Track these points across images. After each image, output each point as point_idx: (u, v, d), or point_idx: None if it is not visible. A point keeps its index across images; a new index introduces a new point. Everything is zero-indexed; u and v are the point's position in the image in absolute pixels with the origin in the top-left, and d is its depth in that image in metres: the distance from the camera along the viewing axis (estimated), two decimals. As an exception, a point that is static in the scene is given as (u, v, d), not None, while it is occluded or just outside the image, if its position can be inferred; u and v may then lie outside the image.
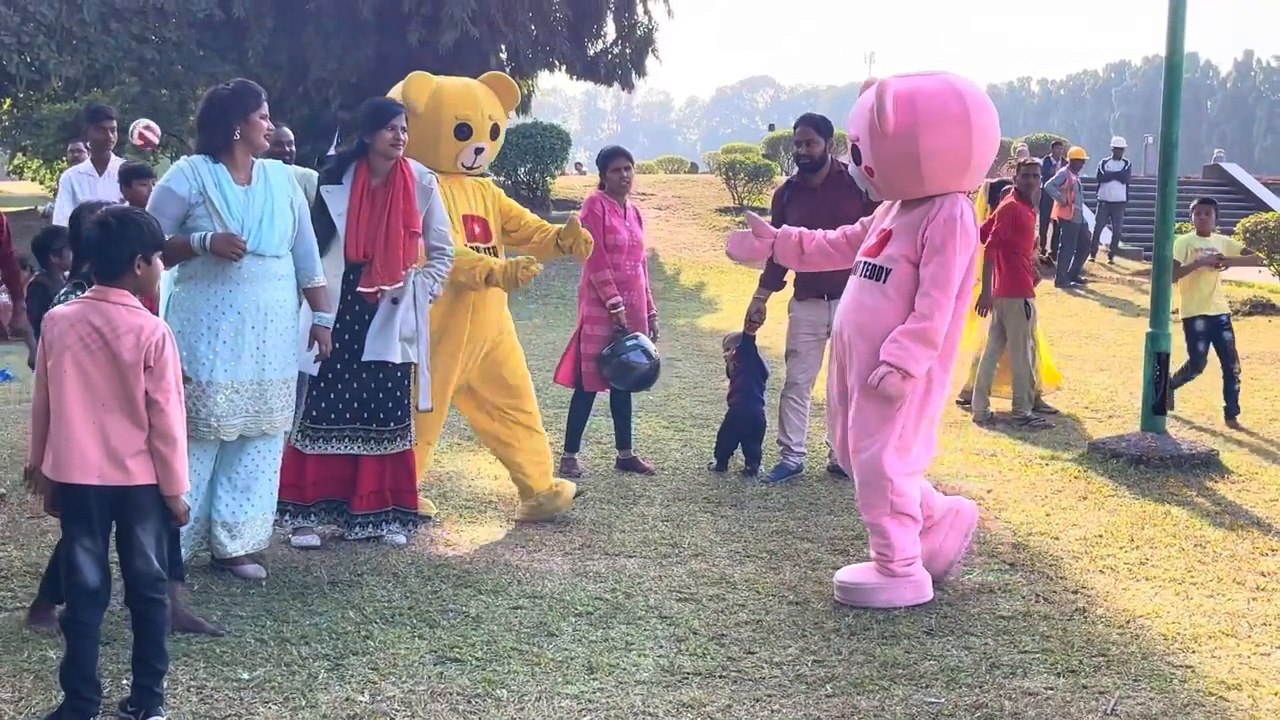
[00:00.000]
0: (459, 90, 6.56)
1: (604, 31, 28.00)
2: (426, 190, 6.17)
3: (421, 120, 6.34)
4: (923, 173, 5.28)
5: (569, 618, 5.18)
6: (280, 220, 5.43)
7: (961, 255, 5.27)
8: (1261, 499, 7.25)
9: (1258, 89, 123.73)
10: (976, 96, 5.35)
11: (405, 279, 6.06)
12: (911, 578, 5.41)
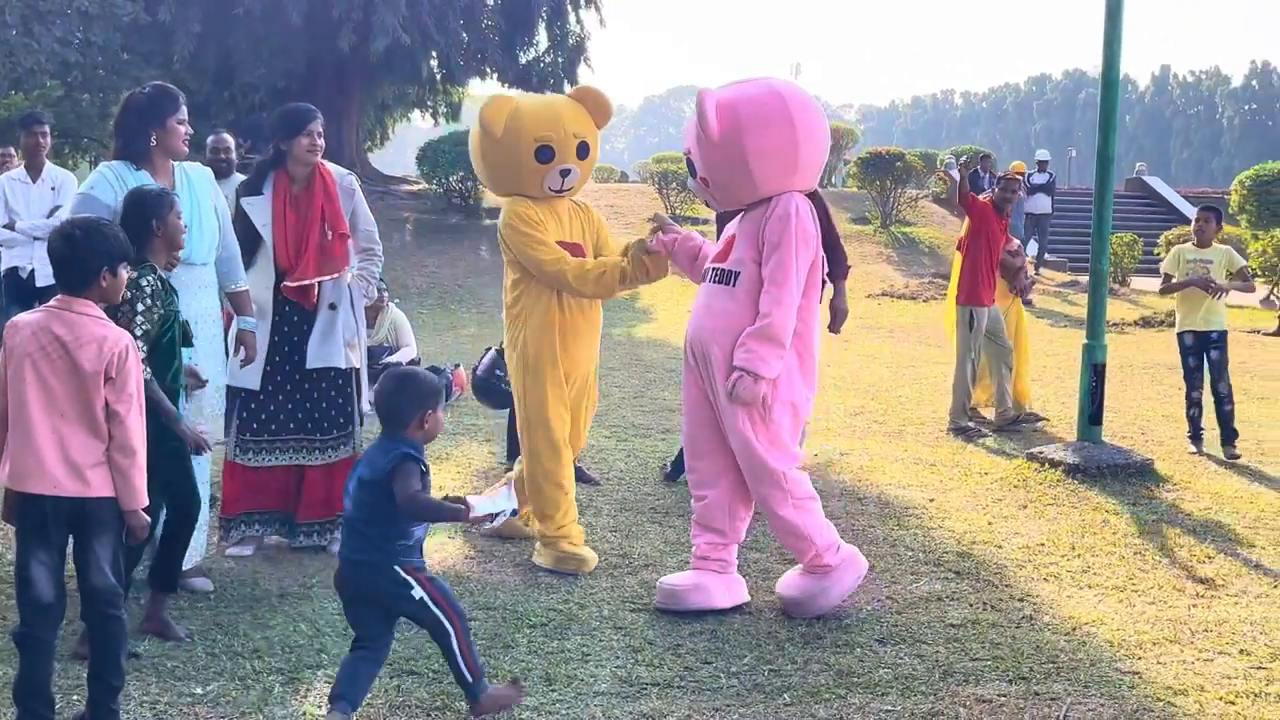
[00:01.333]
0: (539, 109, 6.11)
1: (536, 40, 28.14)
2: (349, 191, 6.17)
3: (501, 145, 5.98)
4: (753, 175, 5.34)
5: (523, 629, 5.17)
6: (206, 227, 5.39)
7: (800, 250, 5.27)
8: (1197, 507, 7.40)
9: (1174, 104, 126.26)
10: (798, 97, 5.42)
11: (340, 281, 6.05)
12: (844, 561, 5.41)
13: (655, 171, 27.83)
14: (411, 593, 4.13)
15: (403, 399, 4.17)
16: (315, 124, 5.95)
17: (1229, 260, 9.21)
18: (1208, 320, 9.11)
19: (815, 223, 5.39)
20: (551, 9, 27.49)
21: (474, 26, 26.47)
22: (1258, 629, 5.34)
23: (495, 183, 6.26)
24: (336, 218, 6.04)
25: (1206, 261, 9.12)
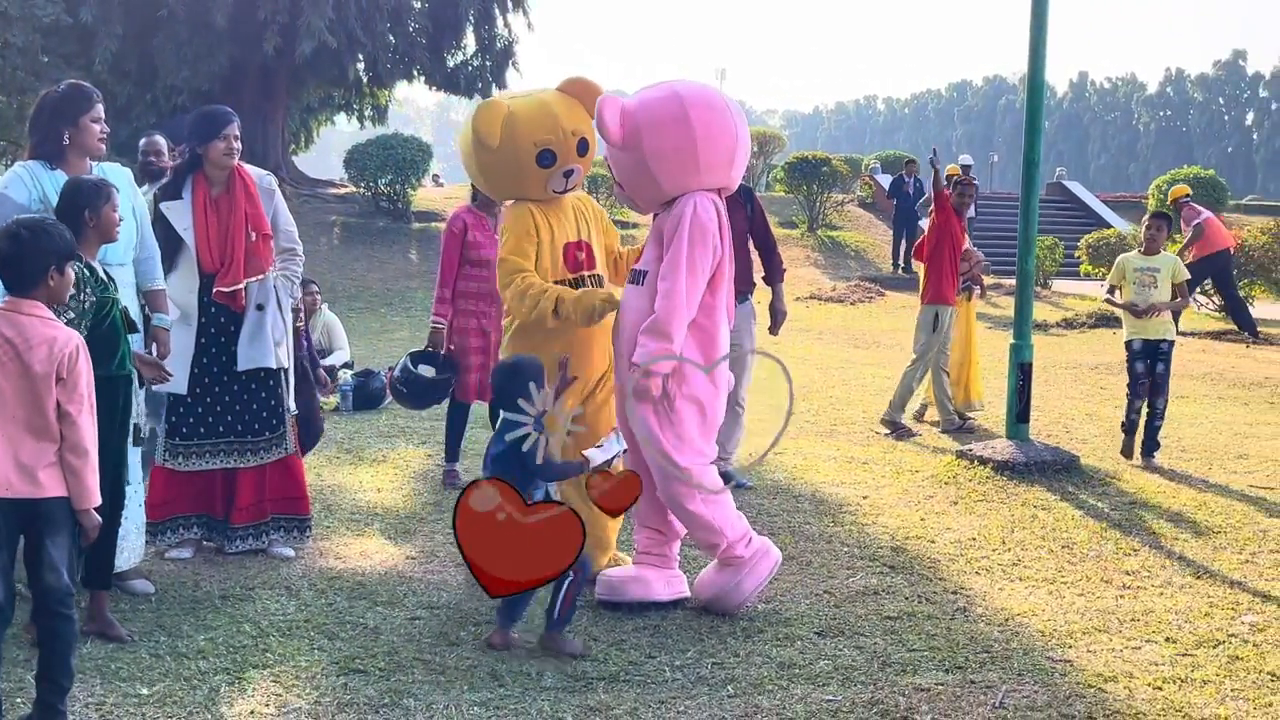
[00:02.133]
0: (534, 112, 5.75)
1: (464, 43, 28.05)
2: (269, 192, 6.18)
3: (499, 154, 5.70)
4: (655, 176, 5.39)
5: (468, 627, 5.21)
6: (124, 228, 5.36)
7: (695, 245, 5.29)
8: (1121, 502, 7.60)
9: (1092, 109, 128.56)
10: (697, 97, 5.42)
11: (266, 282, 6.06)
12: (757, 552, 5.47)
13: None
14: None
15: (517, 381, 4.96)
16: (232, 127, 5.94)
17: (1176, 270, 8.94)
18: (1159, 330, 8.87)
19: (718, 220, 5.40)
20: (479, 12, 27.42)
21: (401, 29, 26.35)
22: (1182, 618, 5.50)
23: (496, 191, 6.17)
24: (259, 219, 6.05)
25: (1154, 270, 8.85)
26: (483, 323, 7.65)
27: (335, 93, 30.52)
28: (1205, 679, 4.79)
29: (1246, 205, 39.62)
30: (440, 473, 7.92)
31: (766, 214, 8.21)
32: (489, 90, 28.50)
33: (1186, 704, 4.55)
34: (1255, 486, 8.16)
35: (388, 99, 31.44)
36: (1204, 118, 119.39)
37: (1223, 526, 7.08)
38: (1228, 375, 13.09)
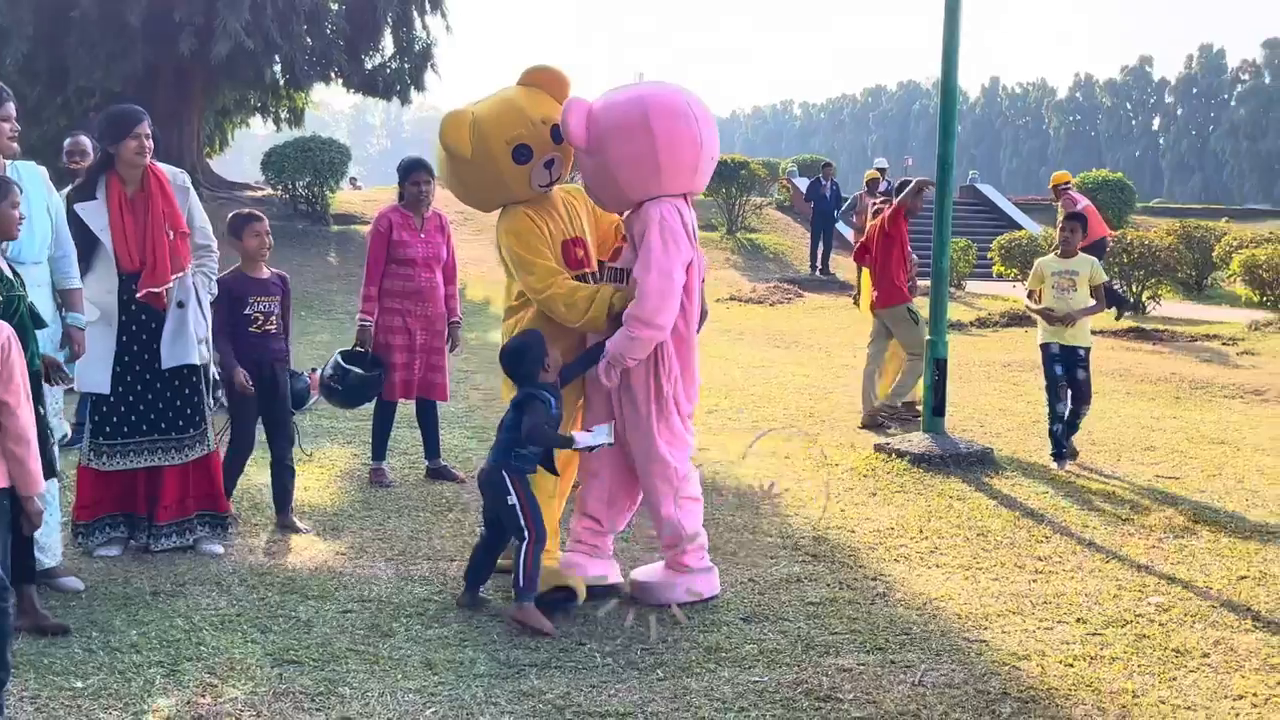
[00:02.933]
0: (498, 110, 5.59)
1: (382, 45, 27.89)
2: (184, 190, 6.21)
3: (474, 162, 5.55)
4: (618, 181, 5.46)
5: (400, 618, 5.28)
6: (38, 226, 5.39)
7: (669, 245, 5.38)
8: (1033, 492, 7.84)
9: (1004, 114, 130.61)
10: (661, 105, 5.43)
11: (185, 279, 6.09)
12: (702, 571, 5.63)
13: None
14: (507, 498, 5.28)
15: (525, 360, 5.37)
16: (143, 125, 5.94)
17: (1094, 272, 8.79)
18: (1075, 335, 8.70)
19: (683, 223, 5.50)
20: (397, 15, 27.28)
21: (318, 31, 26.14)
22: (1092, 600, 5.72)
23: (484, 202, 5.80)
24: (176, 218, 6.07)
25: (1072, 273, 8.70)
26: (408, 321, 7.71)
27: (251, 95, 30.22)
28: (1114, 656, 5.00)
29: (1153, 208, 40.62)
30: (367, 471, 7.96)
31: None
32: (408, 93, 28.44)
33: (1096, 680, 4.75)
34: (1160, 477, 8.45)
35: (305, 101, 31.19)
36: (1112, 122, 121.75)
37: (1130, 514, 7.33)
38: (1135, 372, 13.46)
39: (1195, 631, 5.31)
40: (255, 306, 6.61)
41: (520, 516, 5.25)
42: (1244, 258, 20.85)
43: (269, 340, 6.66)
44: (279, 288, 6.80)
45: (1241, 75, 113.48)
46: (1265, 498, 7.83)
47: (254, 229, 6.65)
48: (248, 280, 6.65)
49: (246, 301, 6.58)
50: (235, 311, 6.56)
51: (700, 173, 5.61)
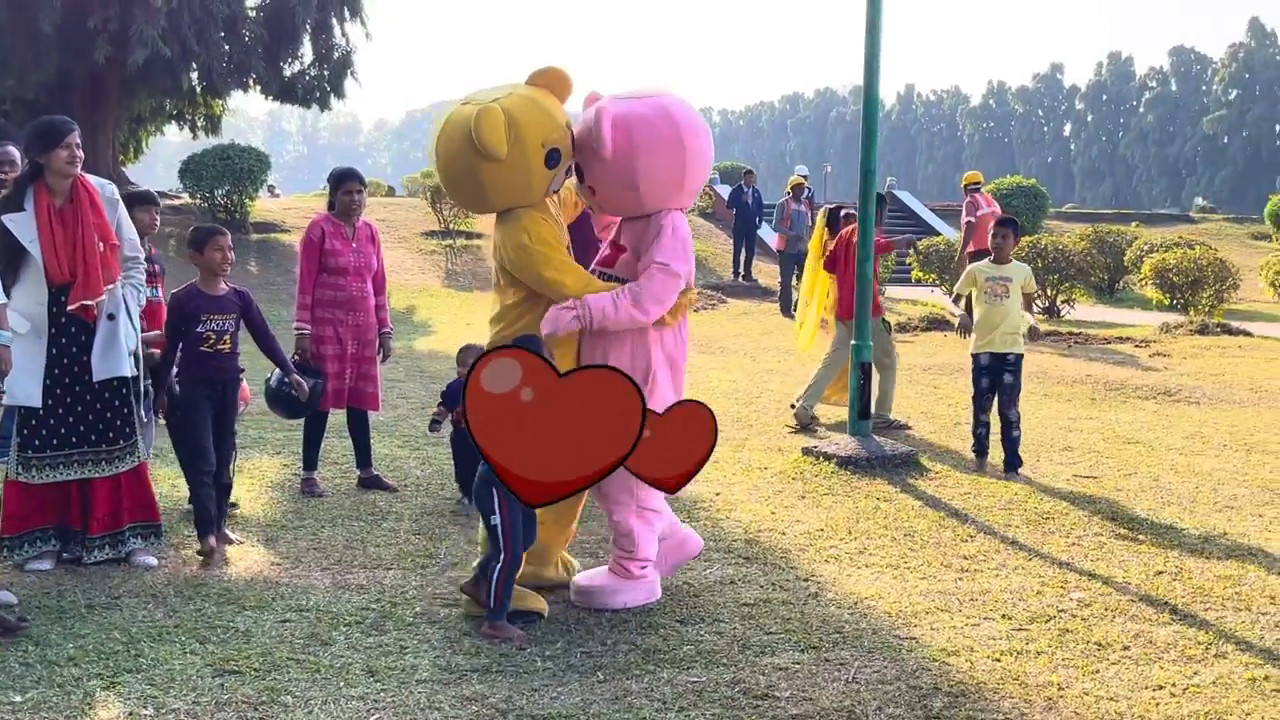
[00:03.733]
0: (533, 112, 5.40)
1: (301, 52, 27.71)
2: (113, 202, 6.20)
3: (507, 164, 5.34)
4: (640, 194, 5.56)
5: (340, 627, 5.31)
6: None
7: (679, 253, 5.52)
8: (957, 493, 8.02)
9: (919, 121, 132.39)
10: (690, 120, 5.59)
11: (115, 292, 6.08)
12: (645, 580, 5.73)
13: (429, 186, 27.78)
14: (491, 517, 5.24)
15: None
16: (73, 136, 5.92)
17: (1026, 279, 8.79)
18: (1005, 342, 8.64)
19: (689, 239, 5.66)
20: (316, 22, 27.12)
21: (236, 38, 25.91)
22: (1016, 597, 5.89)
23: (495, 202, 5.57)
24: (105, 229, 6.06)
25: (1005, 279, 8.66)
26: (339, 331, 7.72)
27: (168, 102, 29.88)
28: (1039, 650, 5.15)
29: (1066, 213, 41.42)
30: (299, 481, 7.95)
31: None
32: (327, 100, 28.27)
33: (1023, 673, 4.90)
34: (1079, 476, 8.68)
35: (222, 109, 30.91)
36: (1025, 129, 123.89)
37: (1051, 513, 7.53)
38: (1052, 374, 13.76)
39: (1116, 625, 5.48)
40: (208, 324, 6.41)
41: (500, 537, 5.22)
42: (1155, 262, 21.39)
43: (222, 359, 6.48)
44: (236, 305, 6.58)
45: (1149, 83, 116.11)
46: (1179, 495, 8.07)
47: (218, 242, 6.48)
48: (202, 296, 6.46)
49: (199, 319, 6.39)
50: (187, 328, 6.39)
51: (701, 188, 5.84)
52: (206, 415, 6.43)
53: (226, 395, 6.55)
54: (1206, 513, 7.60)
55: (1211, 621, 5.55)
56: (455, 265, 25.28)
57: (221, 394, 6.52)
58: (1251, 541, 6.93)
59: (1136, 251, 24.32)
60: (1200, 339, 17.09)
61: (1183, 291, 20.91)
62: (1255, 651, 5.17)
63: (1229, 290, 20.92)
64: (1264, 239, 34.93)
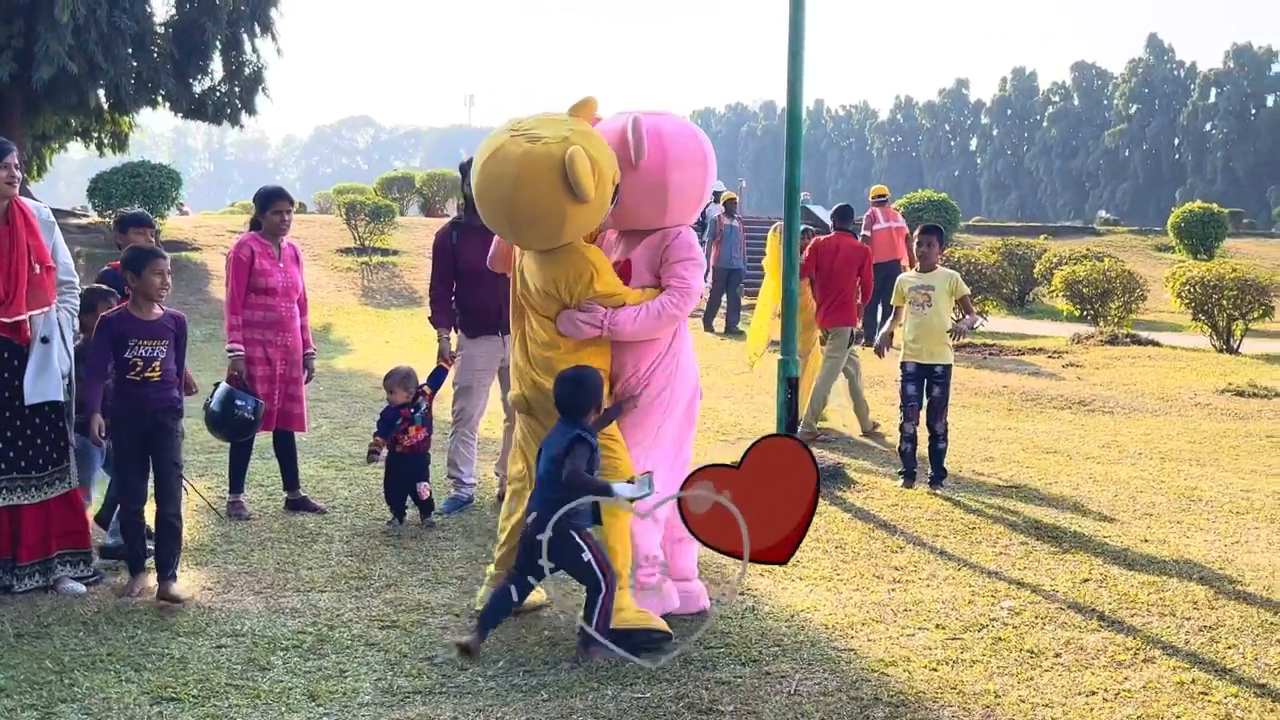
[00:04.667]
0: (605, 152, 5.40)
1: (211, 69, 27.35)
2: (49, 224, 6.14)
3: (591, 205, 5.31)
4: (667, 206, 5.60)
5: (277, 651, 5.25)
6: None
7: (699, 278, 5.67)
8: (885, 504, 8.13)
9: (829, 136, 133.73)
10: (709, 145, 5.83)
11: (50, 315, 5.99)
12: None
13: (342, 203, 27.56)
14: (582, 555, 5.15)
15: (580, 393, 5.25)
16: (11, 156, 5.84)
17: (954, 285, 8.78)
18: (932, 353, 8.69)
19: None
20: (227, 38, 26.81)
21: (144, 55, 25.51)
22: (949, 606, 5.98)
23: (566, 239, 5.46)
24: (41, 251, 5.97)
25: (929, 287, 8.72)
26: (268, 351, 7.64)
27: (73, 119, 29.33)
28: (974, 659, 5.25)
29: (975, 226, 42.11)
30: (225, 504, 7.84)
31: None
32: (238, 117, 27.91)
33: (959, 682, 4.98)
34: (1002, 486, 8.84)
35: (129, 126, 30.39)
36: (932, 143, 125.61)
37: (977, 523, 7.66)
38: (970, 385, 13.99)
39: (1047, 633, 5.60)
40: (136, 350, 5.95)
41: (597, 570, 5.14)
42: (1065, 274, 21.81)
43: (150, 389, 5.99)
44: (170, 330, 6.11)
45: (1052, 97, 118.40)
46: (1098, 503, 8.25)
47: (157, 266, 6.06)
48: (132, 321, 6.00)
49: (126, 343, 5.94)
50: (115, 354, 5.97)
51: None
52: (135, 450, 6.02)
53: (161, 428, 6.03)
54: (1127, 520, 7.78)
55: (1138, 627, 5.68)
56: (372, 282, 25.09)
57: (154, 427, 6.01)
58: (1172, 548, 7.11)
59: (1046, 264, 24.79)
60: (1111, 349, 17.48)
61: (1092, 303, 21.34)
62: (1181, 656, 5.31)
63: (1137, 301, 21.39)
64: (1167, 250, 35.74)
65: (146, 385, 6.00)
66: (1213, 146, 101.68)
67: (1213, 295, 18.19)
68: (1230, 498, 8.49)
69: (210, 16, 25.84)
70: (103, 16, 23.60)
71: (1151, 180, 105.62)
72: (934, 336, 8.70)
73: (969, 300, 8.96)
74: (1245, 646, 5.42)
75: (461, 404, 7.97)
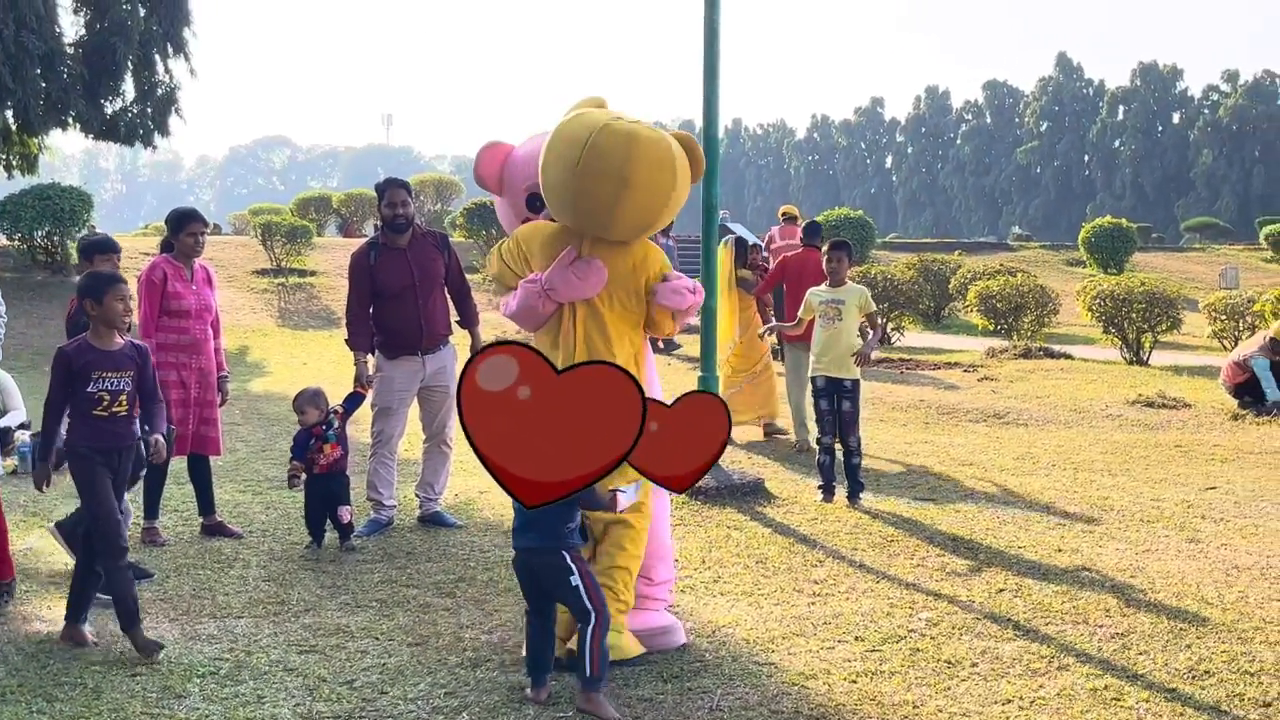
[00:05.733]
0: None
1: (123, 89, 26.95)
2: None
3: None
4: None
5: (193, 679, 5.18)
6: None
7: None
8: (804, 519, 8.20)
9: (746, 154, 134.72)
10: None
11: None
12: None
13: (258, 224, 27.26)
14: (570, 579, 4.86)
15: None
16: None
17: (863, 301, 8.91)
18: (841, 367, 8.80)
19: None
20: (138, 58, 26.43)
21: (54, 75, 25.08)
22: (868, 619, 6.04)
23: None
24: None
25: (838, 302, 8.84)
26: (183, 374, 7.55)
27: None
28: (892, 670, 5.30)
29: (891, 243, 42.67)
30: (139, 531, 7.72)
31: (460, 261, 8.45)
32: (151, 138, 27.53)
33: (879, 693, 5.03)
34: (919, 499, 8.95)
35: (39, 148, 29.85)
36: (849, 161, 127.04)
37: (894, 536, 7.75)
38: (886, 400, 14.15)
39: (963, 643, 5.67)
40: (101, 384, 5.48)
41: (585, 597, 4.85)
42: (979, 289, 22.16)
43: (119, 424, 5.55)
44: (133, 361, 5.63)
45: (965, 115, 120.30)
46: (1013, 514, 8.39)
47: (120, 291, 5.57)
48: (94, 351, 5.52)
49: (89, 377, 5.46)
50: (76, 390, 5.49)
51: None
52: (109, 490, 5.49)
53: (122, 467, 5.60)
54: (1041, 531, 7.91)
55: (1053, 636, 5.78)
56: (288, 304, 24.85)
57: (118, 465, 5.57)
58: (1085, 557, 7.23)
59: (961, 279, 25.17)
60: (1024, 362, 17.77)
61: (1006, 317, 21.70)
62: (1095, 663, 5.40)
63: (1049, 315, 21.78)
64: (1079, 265, 36.44)
65: (115, 420, 5.54)
66: (1121, 163, 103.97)
67: (1122, 308, 18.56)
68: (1140, 507, 8.67)
69: (121, 37, 25.48)
70: (9, 36, 23.19)
71: (1063, 196, 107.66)
72: (843, 351, 8.80)
73: (875, 316, 9.12)
74: (1156, 652, 5.54)
75: (381, 425, 7.92)
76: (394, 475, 8.01)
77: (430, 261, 7.82)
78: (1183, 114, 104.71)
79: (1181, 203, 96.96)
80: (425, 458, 8.18)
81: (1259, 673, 5.26)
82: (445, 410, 8.02)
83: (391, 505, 7.98)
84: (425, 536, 7.73)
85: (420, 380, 7.84)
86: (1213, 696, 5.00)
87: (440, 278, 7.94)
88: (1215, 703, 4.94)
